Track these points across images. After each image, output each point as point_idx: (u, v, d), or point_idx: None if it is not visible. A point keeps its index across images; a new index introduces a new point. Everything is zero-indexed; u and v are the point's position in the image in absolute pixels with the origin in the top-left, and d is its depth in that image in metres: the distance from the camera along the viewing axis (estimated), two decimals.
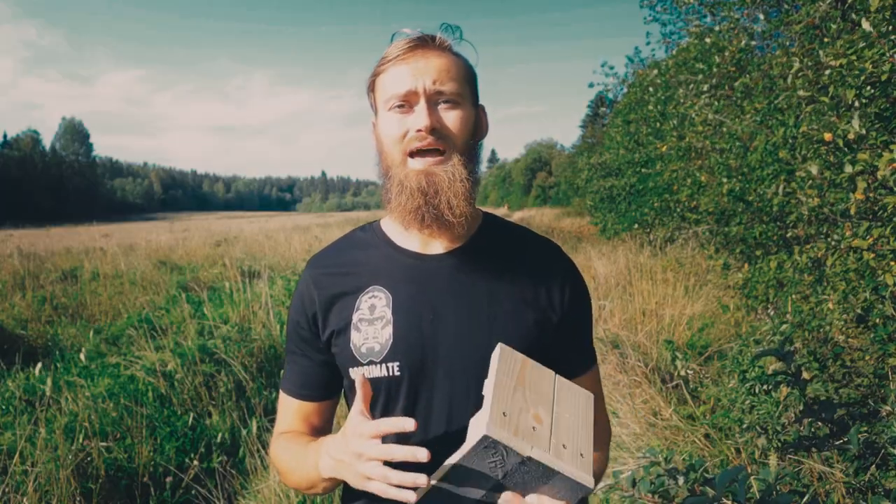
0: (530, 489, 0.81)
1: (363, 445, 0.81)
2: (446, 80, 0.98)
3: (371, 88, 1.06)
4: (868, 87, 2.35)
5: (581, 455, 0.81)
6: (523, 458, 0.76)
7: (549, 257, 1.09)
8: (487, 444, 0.75)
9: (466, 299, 1.01)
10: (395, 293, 1.02)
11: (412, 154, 0.98)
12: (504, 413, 0.78)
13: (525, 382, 0.84)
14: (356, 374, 1.00)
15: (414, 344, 0.98)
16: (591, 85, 15.73)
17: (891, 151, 2.13)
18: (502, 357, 0.85)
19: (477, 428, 0.77)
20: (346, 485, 1.09)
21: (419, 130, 0.96)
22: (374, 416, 1.02)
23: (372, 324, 1.00)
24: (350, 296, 1.04)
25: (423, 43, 1.00)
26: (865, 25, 2.17)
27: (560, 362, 1.10)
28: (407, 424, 0.79)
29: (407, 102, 0.98)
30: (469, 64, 1.05)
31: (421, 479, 0.77)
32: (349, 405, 1.09)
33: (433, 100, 0.98)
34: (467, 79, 1.03)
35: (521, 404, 0.81)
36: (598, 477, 1.08)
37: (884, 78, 2.18)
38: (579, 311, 1.08)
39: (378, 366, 0.99)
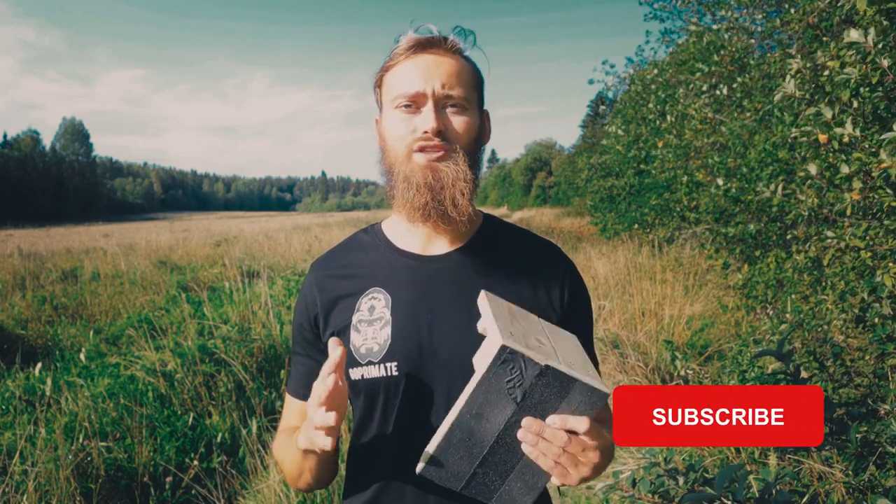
0: (549, 411, 0.80)
1: (310, 408, 0.86)
2: (455, 84, 0.98)
3: (378, 84, 1.06)
4: (864, 89, 2.36)
5: (587, 371, 0.82)
6: (541, 369, 0.76)
7: (549, 258, 1.09)
8: (505, 355, 0.75)
9: (465, 300, 1.01)
10: (395, 294, 1.02)
11: (417, 150, 0.98)
12: (511, 333, 0.79)
13: (517, 317, 0.88)
14: (355, 374, 1.01)
15: (412, 344, 0.99)
16: (591, 82, 15.57)
17: (883, 150, 2.13)
18: (490, 299, 0.89)
19: (488, 347, 0.78)
20: (347, 483, 1.09)
21: (425, 132, 0.96)
22: (374, 417, 1.02)
23: (371, 325, 1.01)
24: (351, 297, 1.04)
25: (435, 43, 1.00)
26: (853, 34, 2.17)
27: None
28: (329, 419, 0.82)
29: (414, 103, 0.98)
30: (478, 69, 1.05)
31: (330, 419, 0.81)
32: (352, 407, 1.10)
33: (441, 103, 0.98)
34: (475, 84, 1.03)
35: (522, 329, 0.83)
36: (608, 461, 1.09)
37: (874, 80, 2.19)
38: (579, 311, 1.09)
39: (377, 366, 0.99)
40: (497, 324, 0.80)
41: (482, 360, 0.79)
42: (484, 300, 0.89)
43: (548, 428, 0.80)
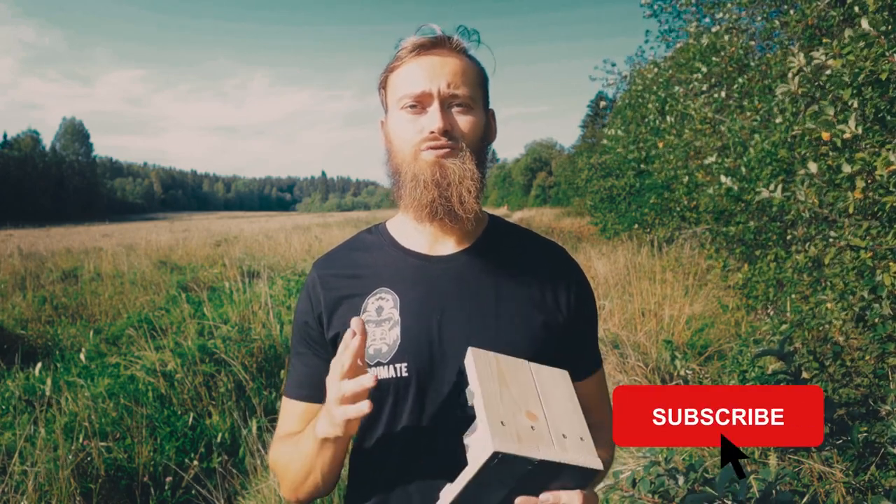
0: (542, 487, 0.81)
1: (332, 386, 0.83)
2: (460, 83, 0.98)
3: (383, 85, 1.05)
4: (868, 88, 2.36)
5: (581, 439, 0.81)
6: (534, 463, 0.76)
7: (556, 259, 1.09)
8: (497, 459, 0.74)
9: (474, 300, 1.00)
10: (403, 295, 1.01)
11: (424, 150, 0.97)
12: (502, 422, 0.77)
13: (507, 382, 0.84)
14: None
15: (422, 345, 0.98)
16: (592, 79, 15.53)
17: (890, 151, 2.14)
18: (477, 362, 0.84)
19: (480, 445, 0.76)
20: (350, 485, 1.08)
21: (432, 132, 0.96)
22: (381, 418, 1.01)
23: (379, 325, 1.00)
24: (357, 298, 1.03)
25: (440, 43, 1.00)
26: (864, 25, 2.17)
27: (565, 365, 1.10)
28: (366, 381, 0.80)
29: (420, 103, 0.98)
30: (482, 68, 1.05)
31: (364, 407, 0.79)
32: None
33: (447, 102, 0.98)
34: (480, 83, 1.03)
35: (512, 407, 0.80)
36: (606, 467, 1.09)
37: (883, 77, 2.19)
38: (584, 313, 1.09)
39: (386, 367, 0.98)
40: (486, 411, 0.77)
41: (474, 451, 0.78)
42: (471, 362, 0.85)
43: None
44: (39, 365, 4.10)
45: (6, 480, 2.82)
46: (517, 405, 0.81)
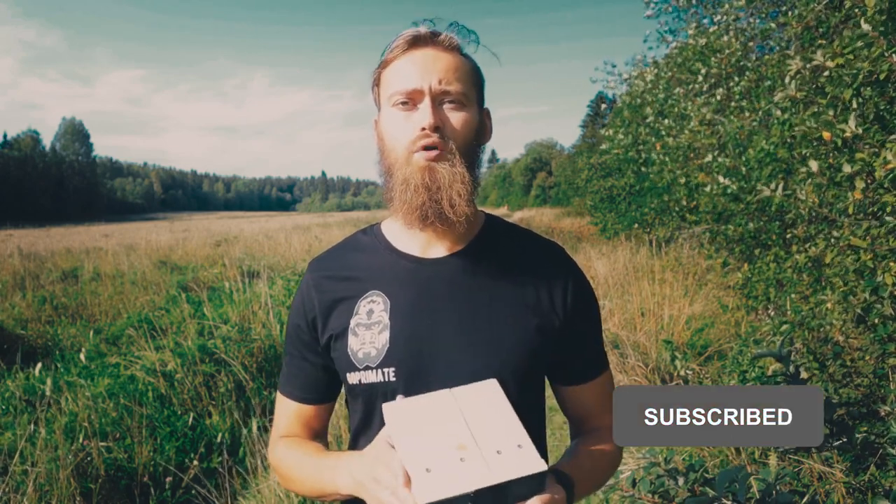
0: None
1: (384, 476, 0.80)
2: (453, 80, 0.96)
3: (376, 83, 1.04)
4: (867, 88, 2.36)
5: (519, 447, 0.79)
6: (472, 496, 0.75)
7: (552, 260, 1.07)
8: None
9: (466, 304, 0.99)
10: (394, 298, 1.00)
11: (416, 151, 0.95)
12: (427, 470, 0.76)
13: (428, 424, 0.83)
14: (353, 378, 1.00)
15: (411, 349, 0.97)
16: (593, 81, 15.45)
17: (888, 150, 2.14)
18: (391, 417, 0.84)
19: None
20: None
21: (423, 129, 0.93)
22: (372, 422, 1.00)
23: (369, 329, 0.99)
24: (350, 300, 1.02)
25: (432, 39, 0.98)
26: (864, 26, 2.18)
27: (566, 368, 1.08)
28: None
29: (411, 100, 0.96)
30: (477, 66, 1.03)
31: None
32: (350, 410, 1.08)
33: (438, 99, 0.96)
34: (474, 81, 1.01)
35: (438, 447, 0.79)
36: (615, 461, 1.07)
37: (882, 77, 2.19)
38: (583, 315, 1.06)
39: (374, 371, 0.97)
40: (408, 464, 0.76)
41: None
42: (388, 418, 0.85)
43: None
44: (39, 365, 4.10)
45: (6, 480, 2.82)
46: (444, 442, 0.80)
